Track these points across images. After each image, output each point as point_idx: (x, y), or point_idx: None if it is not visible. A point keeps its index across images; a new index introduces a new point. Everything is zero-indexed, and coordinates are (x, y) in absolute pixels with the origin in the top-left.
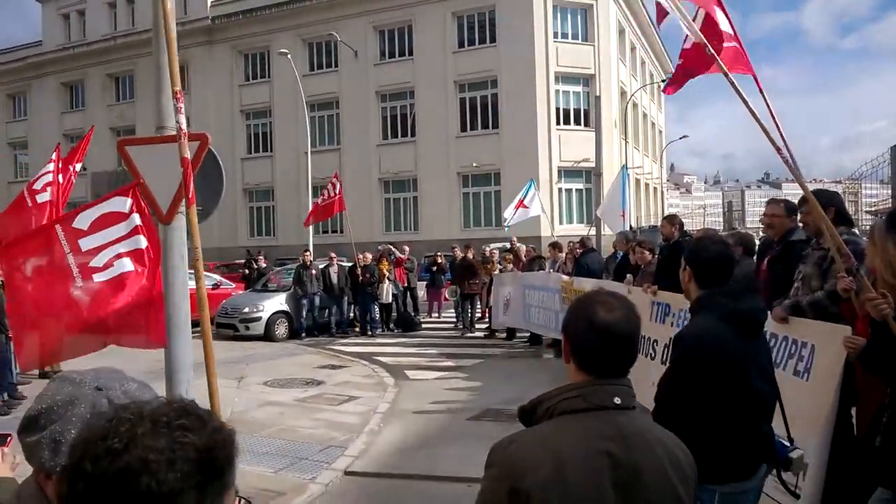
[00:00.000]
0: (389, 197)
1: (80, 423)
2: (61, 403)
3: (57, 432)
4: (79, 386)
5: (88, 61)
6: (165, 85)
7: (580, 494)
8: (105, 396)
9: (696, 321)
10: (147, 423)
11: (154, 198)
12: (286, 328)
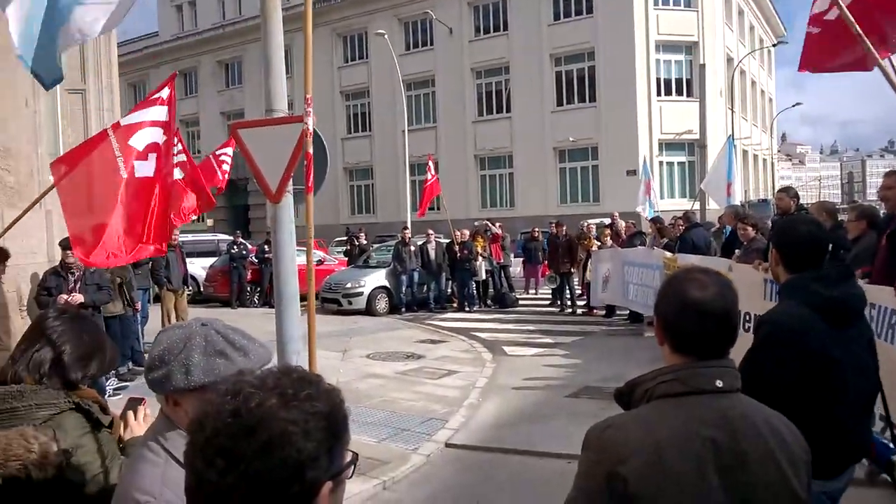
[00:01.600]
0: (485, 174)
1: (199, 349)
2: (178, 341)
3: (183, 359)
4: (187, 328)
5: (200, 49)
6: (274, 69)
7: (682, 481)
8: (212, 328)
9: (780, 306)
10: (275, 396)
11: (264, 178)
12: (386, 303)
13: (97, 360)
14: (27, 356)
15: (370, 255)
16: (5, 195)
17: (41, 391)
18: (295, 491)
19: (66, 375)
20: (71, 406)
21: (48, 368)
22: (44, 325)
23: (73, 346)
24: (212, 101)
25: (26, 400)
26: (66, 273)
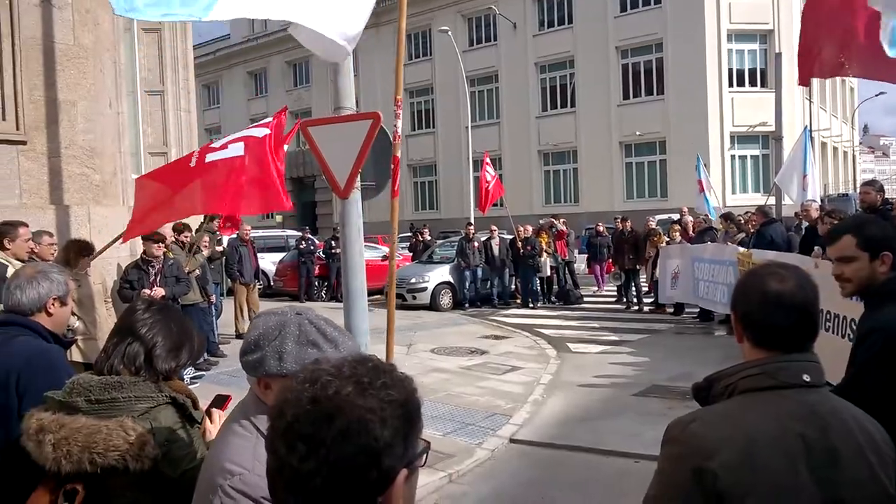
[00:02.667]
0: (549, 169)
1: (293, 338)
2: (273, 327)
3: (277, 346)
4: (282, 315)
5: (270, 50)
6: (342, 67)
7: (773, 478)
8: (306, 318)
9: (891, 312)
10: (351, 384)
11: (332, 174)
12: (450, 298)
13: (187, 349)
14: (120, 349)
15: (434, 250)
16: (91, 192)
17: (140, 383)
18: (372, 477)
19: (160, 367)
20: (167, 400)
21: (142, 361)
22: (134, 319)
23: (164, 338)
24: (281, 101)
25: (126, 391)
26: (147, 266)
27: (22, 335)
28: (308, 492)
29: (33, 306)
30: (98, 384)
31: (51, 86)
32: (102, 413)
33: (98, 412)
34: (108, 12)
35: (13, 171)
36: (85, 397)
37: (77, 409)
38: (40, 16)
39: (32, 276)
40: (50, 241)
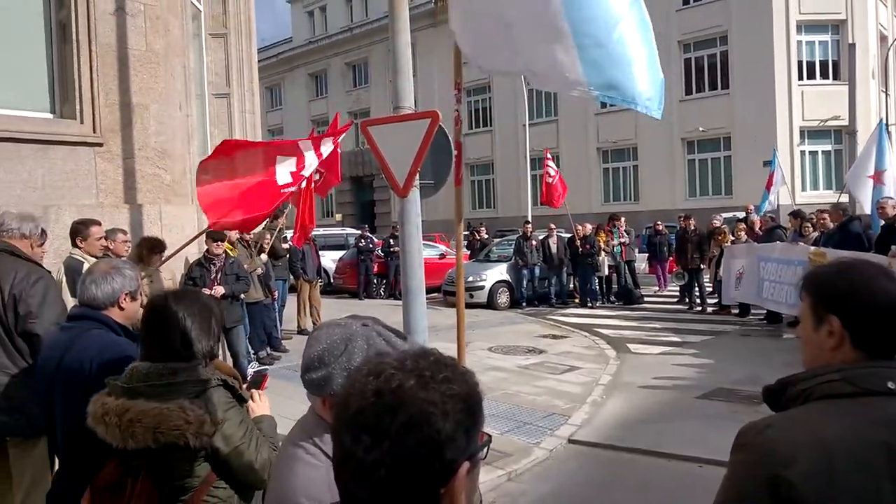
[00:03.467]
0: (608, 167)
1: (361, 353)
2: (339, 341)
3: (345, 363)
4: (346, 327)
5: (330, 52)
6: (401, 67)
7: (853, 488)
8: (373, 330)
9: None
10: (413, 378)
11: (392, 173)
12: (507, 297)
13: (214, 321)
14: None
15: (491, 249)
16: (163, 192)
17: (192, 369)
18: (435, 469)
19: (199, 349)
20: (219, 383)
21: (181, 346)
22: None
23: (191, 321)
24: (340, 101)
25: (181, 376)
26: (209, 265)
27: (95, 328)
28: (373, 483)
29: (107, 301)
30: (155, 370)
31: (125, 90)
32: (162, 396)
33: (158, 396)
34: (177, 18)
35: (91, 171)
36: (145, 382)
37: (139, 393)
38: (115, 23)
39: (106, 272)
40: (124, 238)
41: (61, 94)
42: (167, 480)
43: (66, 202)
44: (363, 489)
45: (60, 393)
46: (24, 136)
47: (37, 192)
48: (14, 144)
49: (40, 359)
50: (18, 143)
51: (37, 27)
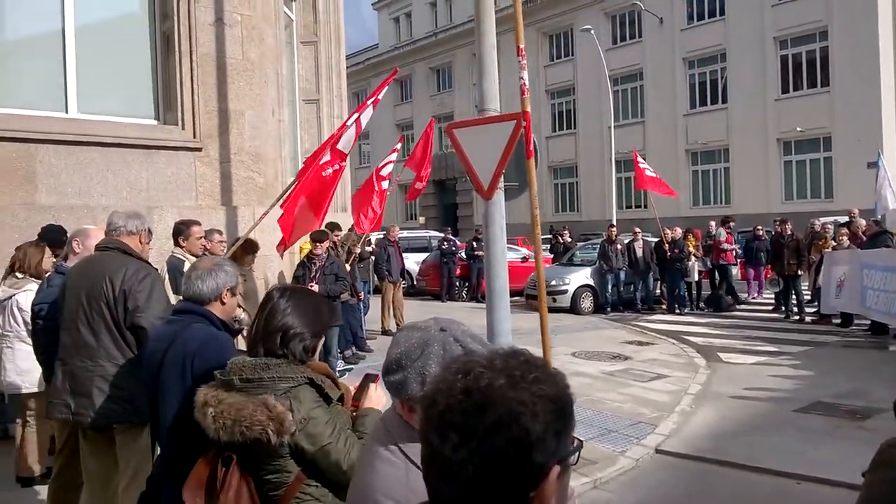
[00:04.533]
0: (697, 169)
1: (436, 359)
2: (416, 346)
3: (420, 367)
4: (425, 331)
5: (415, 57)
6: (486, 70)
7: None
8: (451, 335)
9: None
10: (503, 377)
11: (477, 175)
12: (591, 302)
13: (318, 325)
14: (263, 333)
15: (574, 252)
16: (256, 195)
17: (283, 365)
18: (524, 471)
19: (298, 348)
20: (306, 380)
21: (280, 344)
22: (271, 305)
23: (297, 319)
24: (424, 106)
25: (271, 372)
26: (311, 264)
27: (197, 322)
28: (460, 482)
29: (212, 295)
30: (249, 365)
31: (223, 97)
32: (251, 391)
33: (247, 390)
34: (271, 27)
35: (191, 175)
36: (239, 376)
37: (232, 386)
38: (214, 33)
39: (211, 268)
40: (220, 238)
41: (164, 102)
42: (258, 474)
43: (168, 204)
44: (451, 488)
45: (164, 383)
46: (130, 142)
47: (142, 194)
48: (121, 150)
49: (147, 350)
50: (125, 149)
51: (143, 39)
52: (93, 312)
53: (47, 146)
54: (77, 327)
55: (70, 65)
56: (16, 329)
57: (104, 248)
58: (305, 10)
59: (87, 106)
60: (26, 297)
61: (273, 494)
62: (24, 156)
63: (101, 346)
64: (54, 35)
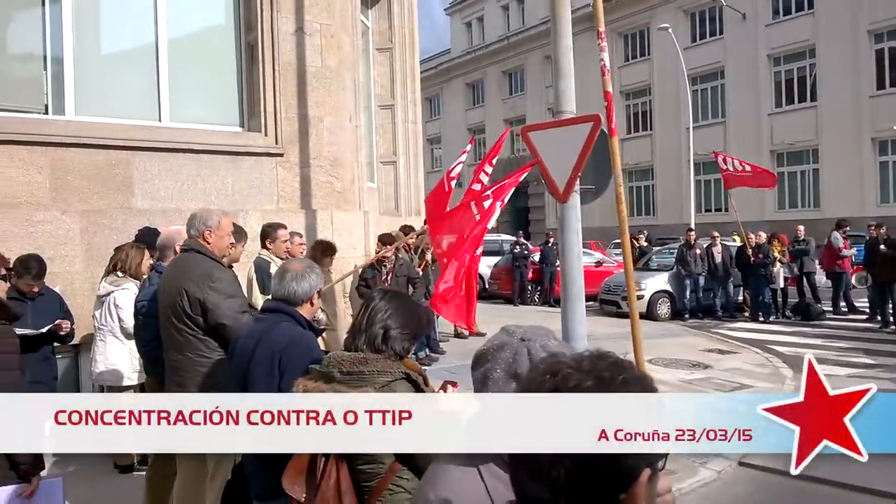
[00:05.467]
0: (783, 171)
1: (504, 364)
2: (494, 348)
3: (489, 369)
4: (510, 336)
5: (487, 62)
6: (562, 71)
7: None
8: (526, 346)
9: None
10: (591, 379)
11: (552, 178)
12: (668, 308)
13: (416, 328)
14: (363, 331)
15: (651, 257)
16: (334, 199)
17: (381, 360)
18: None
19: (396, 347)
20: (403, 376)
21: (381, 341)
22: (373, 305)
23: (397, 320)
24: (496, 110)
25: (370, 366)
26: (381, 266)
27: (285, 321)
28: (551, 481)
29: (304, 296)
30: (348, 359)
31: (302, 104)
32: (351, 383)
33: (348, 382)
34: (349, 35)
35: (273, 179)
36: (338, 369)
37: (332, 378)
38: (294, 43)
39: (304, 270)
40: (300, 241)
41: (248, 110)
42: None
43: (251, 207)
44: (541, 488)
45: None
46: (218, 149)
47: (227, 198)
48: (210, 156)
49: (236, 346)
50: (213, 155)
51: (229, 50)
52: (177, 311)
53: (143, 153)
54: (168, 325)
55: (163, 76)
56: (110, 324)
57: (185, 250)
58: (381, 17)
59: (179, 115)
60: (124, 295)
61: (366, 485)
62: (122, 162)
63: (188, 342)
64: (149, 49)
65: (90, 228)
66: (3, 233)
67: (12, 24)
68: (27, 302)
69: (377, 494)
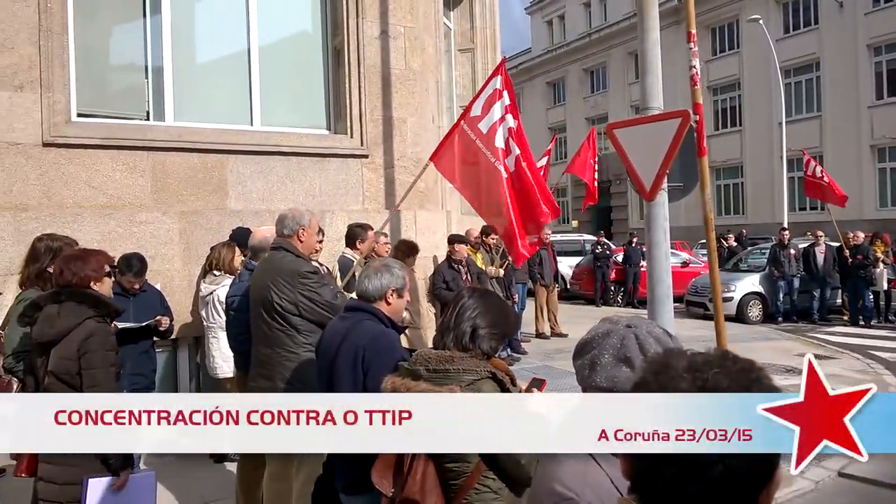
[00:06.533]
0: (884, 166)
1: (612, 350)
2: (600, 335)
3: (595, 356)
4: (615, 324)
5: (568, 60)
6: (650, 66)
7: None
8: (633, 333)
9: None
10: (727, 379)
11: (638, 176)
12: (760, 311)
13: (504, 327)
14: (451, 329)
15: (741, 257)
16: (417, 199)
17: (467, 358)
18: (764, 471)
19: (483, 346)
20: (489, 375)
21: (468, 340)
22: (462, 303)
23: (485, 319)
24: (577, 108)
25: (456, 364)
26: (458, 266)
27: (367, 319)
28: (707, 479)
29: (376, 294)
30: (435, 356)
31: (387, 106)
32: (438, 381)
33: (434, 380)
34: (432, 37)
35: (358, 181)
36: (425, 367)
37: (419, 375)
38: (379, 46)
39: (378, 269)
40: (385, 241)
41: (335, 112)
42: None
43: (337, 208)
44: (695, 485)
45: (338, 372)
46: (306, 151)
47: (315, 199)
48: (298, 158)
49: (322, 342)
50: (302, 157)
51: (316, 54)
52: (267, 307)
53: (236, 156)
54: (258, 320)
55: (255, 81)
56: (218, 321)
57: (275, 248)
58: (462, 18)
59: (269, 119)
60: (225, 291)
61: (453, 483)
62: (217, 165)
63: (277, 337)
64: (241, 56)
65: (188, 229)
66: (109, 232)
67: (116, 36)
68: (129, 298)
69: (463, 493)
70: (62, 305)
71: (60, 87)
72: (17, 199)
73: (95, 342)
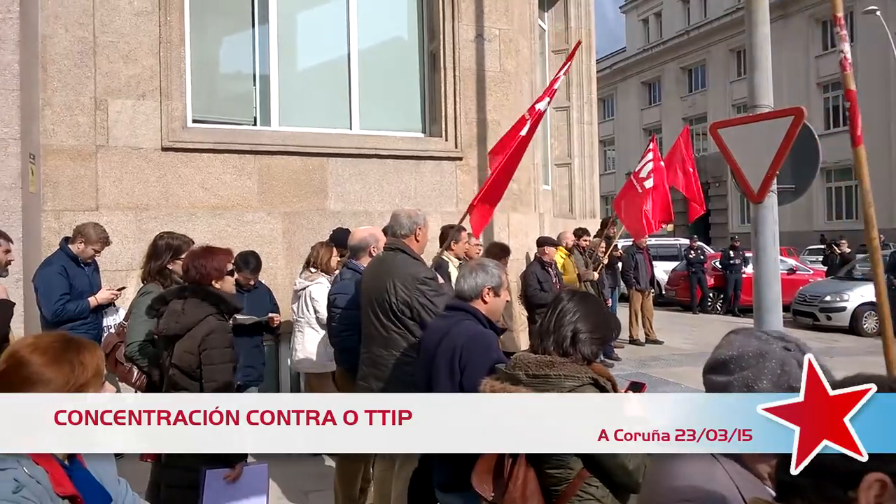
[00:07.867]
0: None
1: (771, 376)
2: (752, 355)
3: (749, 378)
4: (765, 342)
5: (664, 58)
6: (759, 62)
7: None
8: (794, 357)
9: None
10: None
11: (745, 177)
12: (876, 322)
13: (605, 332)
14: (551, 333)
15: (855, 265)
16: (510, 201)
17: (568, 363)
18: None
19: (584, 351)
20: (590, 381)
21: (569, 344)
22: (562, 307)
23: (586, 323)
24: (674, 108)
25: (556, 369)
26: (548, 268)
27: (466, 319)
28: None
29: (472, 293)
30: (535, 361)
31: (481, 108)
32: (537, 386)
33: (534, 385)
34: (526, 39)
35: (453, 182)
36: (524, 371)
37: (518, 380)
38: (474, 49)
39: (473, 268)
40: (476, 242)
41: (430, 115)
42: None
43: (432, 209)
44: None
45: (437, 371)
46: (402, 154)
47: (410, 201)
48: (395, 161)
49: (424, 341)
50: (398, 160)
51: (413, 59)
52: (384, 308)
53: (336, 159)
54: (371, 321)
55: (354, 87)
56: (307, 316)
57: (390, 249)
58: (557, 18)
59: (367, 122)
60: (318, 289)
61: (555, 489)
62: (318, 168)
63: (392, 339)
64: (341, 62)
65: (291, 228)
66: (219, 231)
67: (226, 46)
68: (243, 293)
69: (565, 499)
70: (186, 301)
71: (178, 95)
72: (138, 200)
73: (215, 339)
